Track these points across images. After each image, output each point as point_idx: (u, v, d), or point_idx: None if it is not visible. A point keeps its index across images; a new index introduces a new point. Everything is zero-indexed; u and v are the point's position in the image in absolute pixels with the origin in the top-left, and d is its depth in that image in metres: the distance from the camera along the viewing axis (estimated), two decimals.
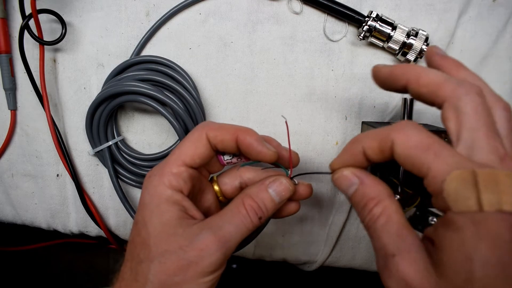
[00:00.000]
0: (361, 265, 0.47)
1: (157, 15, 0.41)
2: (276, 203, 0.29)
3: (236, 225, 0.27)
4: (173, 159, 0.28)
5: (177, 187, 0.27)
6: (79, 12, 0.42)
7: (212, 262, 0.25)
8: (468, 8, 0.41)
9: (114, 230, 0.47)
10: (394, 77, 0.25)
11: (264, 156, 0.28)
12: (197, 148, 0.28)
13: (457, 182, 0.20)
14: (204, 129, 0.29)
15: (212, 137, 0.28)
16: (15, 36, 0.43)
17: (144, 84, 0.37)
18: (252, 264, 0.50)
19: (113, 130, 0.42)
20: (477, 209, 0.19)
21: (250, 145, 0.28)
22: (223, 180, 0.32)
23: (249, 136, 0.28)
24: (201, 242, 0.25)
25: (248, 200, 0.28)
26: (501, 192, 0.19)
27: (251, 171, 0.32)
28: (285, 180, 0.29)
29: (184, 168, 0.28)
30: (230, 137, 0.28)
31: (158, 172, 0.28)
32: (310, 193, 0.32)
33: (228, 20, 0.42)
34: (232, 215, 0.27)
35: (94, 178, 0.45)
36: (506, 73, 0.42)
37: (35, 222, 0.48)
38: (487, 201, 0.19)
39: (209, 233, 0.25)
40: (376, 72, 0.27)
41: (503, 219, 0.19)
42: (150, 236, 0.26)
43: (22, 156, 0.45)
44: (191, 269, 0.25)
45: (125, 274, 0.27)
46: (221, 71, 0.42)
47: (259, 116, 0.43)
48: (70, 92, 0.43)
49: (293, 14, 0.41)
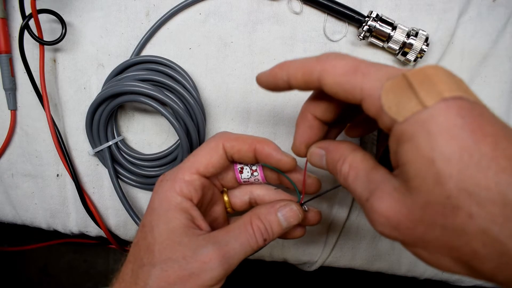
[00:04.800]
0: (361, 265, 0.47)
1: (157, 15, 0.41)
2: (283, 228, 0.29)
3: (241, 243, 0.27)
4: (187, 166, 0.28)
5: (187, 195, 0.27)
6: (79, 12, 0.42)
7: (213, 276, 0.25)
8: (468, 8, 0.41)
9: (114, 230, 0.47)
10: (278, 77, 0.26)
11: (284, 164, 0.29)
12: (212, 157, 0.28)
13: (393, 91, 0.19)
14: (221, 139, 0.29)
15: (229, 147, 0.29)
16: (15, 36, 0.43)
17: (144, 84, 0.37)
18: (252, 264, 0.50)
19: (113, 130, 0.42)
20: (421, 107, 0.18)
21: (269, 155, 0.28)
22: (234, 192, 0.33)
23: (267, 146, 0.28)
24: (205, 256, 0.25)
25: (256, 220, 0.28)
26: (435, 84, 0.19)
27: (263, 188, 0.33)
28: (295, 206, 0.29)
29: (197, 177, 0.28)
30: (247, 147, 0.28)
31: (170, 177, 0.28)
32: (319, 220, 0.32)
33: (228, 20, 0.42)
34: (239, 232, 0.27)
35: (94, 178, 0.45)
36: (506, 73, 0.42)
37: (35, 222, 0.48)
38: (426, 96, 0.18)
39: (214, 247, 0.25)
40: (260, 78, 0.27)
41: (448, 107, 0.18)
42: (156, 242, 0.26)
43: (22, 156, 0.45)
44: (191, 280, 0.25)
45: (126, 276, 0.27)
46: (221, 71, 0.42)
47: (259, 116, 0.43)
48: (70, 92, 0.43)
49: (293, 14, 0.41)
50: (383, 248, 0.46)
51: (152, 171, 0.42)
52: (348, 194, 0.44)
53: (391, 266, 0.47)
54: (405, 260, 0.46)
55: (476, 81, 0.42)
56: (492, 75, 0.42)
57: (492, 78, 0.42)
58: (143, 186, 0.43)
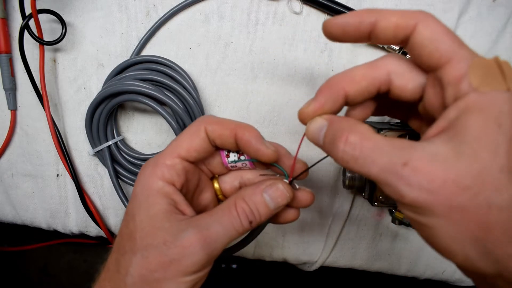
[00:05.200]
0: (361, 265, 0.47)
1: (157, 15, 0.41)
2: (271, 209, 0.27)
3: (224, 226, 0.26)
4: (169, 151, 0.27)
5: (169, 179, 0.27)
6: (79, 12, 0.42)
7: (194, 261, 0.24)
8: (468, 8, 0.41)
9: (114, 230, 0.47)
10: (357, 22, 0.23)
11: (262, 155, 0.27)
12: (193, 141, 0.27)
13: (481, 67, 0.20)
14: (203, 122, 0.28)
15: (210, 131, 0.27)
16: (15, 36, 0.43)
17: (144, 83, 0.37)
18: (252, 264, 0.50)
19: (113, 130, 0.42)
20: (505, 88, 0.19)
21: (248, 142, 0.27)
22: (223, 178, 0.32)
23: (248, 132, 0.27)
24: (186, 240, 0.24)
25: (241, 202, 0.27)
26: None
27: (253, 172, 0.31)
28: (282, 185, 0.27)
29: (179, 160, 0.27)
30: (228, 132, 0.27)
31: (152, 163, 0.27)
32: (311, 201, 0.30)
33: (228, 20, 0.42)
34: (222, 215, 0.26)
35: (94, 178, 0.45)
36: None
37: (35, 222, 0.48)
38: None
39: (194, 231, 0.25)
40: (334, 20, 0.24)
41: None
42: (137, 229, 0.26)
43: (22, 156, 0.45)
44: (172, 266, 0.24)
45: (110, 265, 0.27)
46: (221, 71, 0.42)
47: (259, 116, 0.43)
48: (70, 92, 0.43)
49: (293, 14, 0.41)
50: (383, 248, 0.46)
51: None
52: (348, 194, 0.44)
53: (391, 266, 0.47)
54: (405, 260, 0.46)
55: None
56: None
57: None
58: None
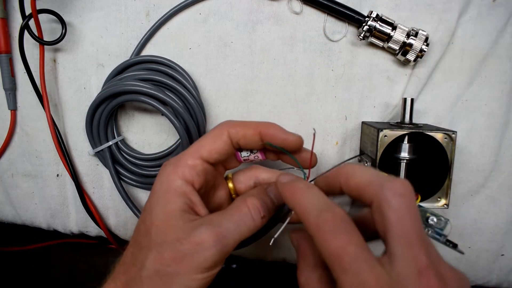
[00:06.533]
0: None
1: (157, 15, 0.41)
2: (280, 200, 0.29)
3: (236, 223, 0.27)
4: (191, 151, 0.29)
5: (189, 178, 0.27)
6: (79, 12, 0.42)
7: (207, 257, 0.25)
8: (468, 8, 0.41)
9: (114, 230, 0.47)
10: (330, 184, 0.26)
11: (291, 142, 0.29)
12: (216, 143, 0.29)
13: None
14: (226, 126, 0.29)
15: (233, 133, 0.29)
16: (15, 36, 0.43)
17: (145, 83, 0.37)
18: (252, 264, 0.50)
19: (113, 130, 0.42)
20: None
21: (275, 135, 0.29)
22: (238, 178, 0.33)
23: (272, 127, 0.29)
24: (198, 237, 0.25)
25: (251, 198, 0.28)
26: None
27: (268, 172, 0.33)
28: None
29: (200, 162, 0.28)
30: (252, 131, 0.29)
31: (174, 161, 0.28)
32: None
33: (228, 20, 0.42)
34: (233, 213, 0.27)
35: (94, 178, 0.45)
36: (506, 73, 0.42)
37: (35, 222, 0.48)
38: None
39: (207, 228, 0.25)
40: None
41: None
42: (153, 224, 0.26)
43: (22, 156, 0.45)
44: (185, 261, 0.25)
45: (126, 258, 0.28)
46: (221, 71, 0.42)
47: (259, 116, 0.43)
48: (70, 92, 0.43)
49: (293, 14, 0.41)
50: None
51: (152, 171, 0.42)
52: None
53: None
54: None
55: (476, 81, 0.42)
56: (492, 75, 0.42)
57: (492, 78, 0.42)
58: (144, 186, 0.43)
